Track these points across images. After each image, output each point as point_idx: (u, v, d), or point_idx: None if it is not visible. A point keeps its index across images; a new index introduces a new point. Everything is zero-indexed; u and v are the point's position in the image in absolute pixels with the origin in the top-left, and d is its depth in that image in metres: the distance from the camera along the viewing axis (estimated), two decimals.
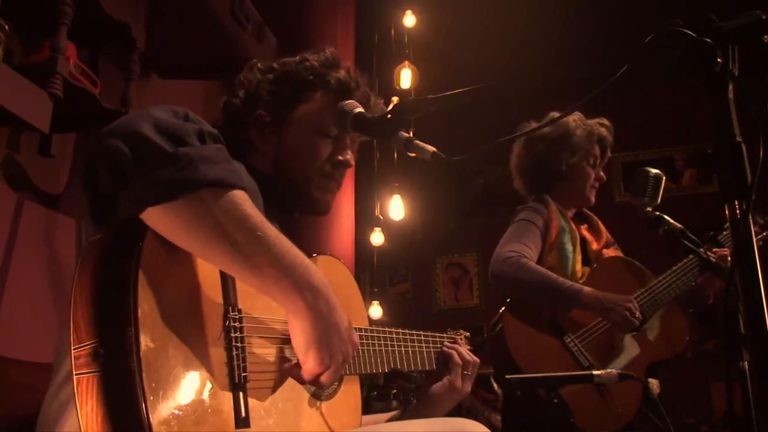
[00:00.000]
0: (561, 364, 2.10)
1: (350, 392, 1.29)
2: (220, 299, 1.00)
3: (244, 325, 1.02)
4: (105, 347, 0.85)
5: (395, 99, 4.14)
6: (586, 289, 2.12)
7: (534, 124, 2.42)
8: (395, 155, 4.74)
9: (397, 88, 4.58)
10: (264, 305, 1.06)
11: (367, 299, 5.32)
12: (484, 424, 1.26)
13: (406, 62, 4.64)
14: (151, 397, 0.83)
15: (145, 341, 0.85)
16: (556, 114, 2.41)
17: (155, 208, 0.89)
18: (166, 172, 0.89)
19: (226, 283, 1.01)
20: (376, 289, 5.10)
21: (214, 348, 0.96)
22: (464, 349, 1.54)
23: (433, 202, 5.98)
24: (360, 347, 1.24)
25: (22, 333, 2.02)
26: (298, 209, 1.44)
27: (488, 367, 2.04)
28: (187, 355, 0.91)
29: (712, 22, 0.90)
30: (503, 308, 2.21)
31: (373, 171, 4.80)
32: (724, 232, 2.27)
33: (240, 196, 0.95)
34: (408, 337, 1.46)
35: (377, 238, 4.81)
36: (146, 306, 0.87)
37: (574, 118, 2.39)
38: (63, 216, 2.26)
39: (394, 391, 3.81)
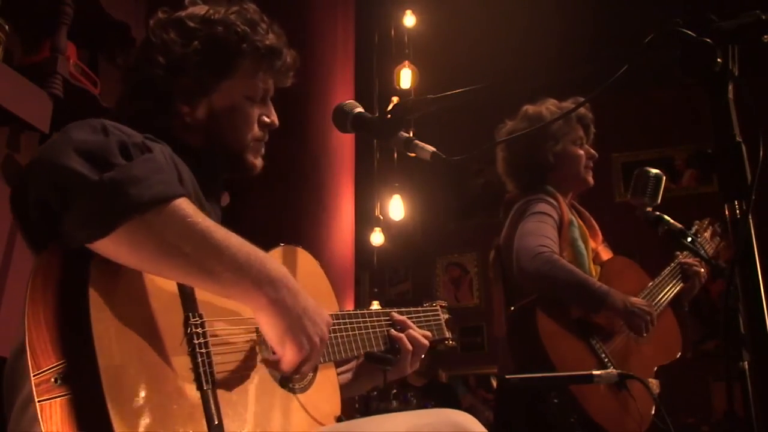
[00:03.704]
0: (590, 367, 2.00)
1: (326, 379, 1.26)
2: (179, 307, 0.98)
3: (206, 329, 0.99)
4: (64, 372, 0.82)
5: (395, 99, 4.15)
6: (612, 291, 2.06)
7: (509, 124, 2.40)
8: (395, 155, 4.74)
9: (397, 88, 4.58)
10: (227, 306, 1.05)
11: (367, 299, 5.32)
12: (484, 424, 1.26)
13: (406, 62, 4.65)
14: (118, 417, 0.82)
15: (104, 361, 0.83)
16: (529, 108, 2.38)
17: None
18: (95, 204, 0.85)
19: (184, 289, 0.99)
20: (376, 289, 5.10)
21: (178, 357, 0.94)
22: (416, 333, 1.45)
23: (433, 202, 5.98)
24: (333, 333, 1.23)
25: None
26: (229, 174, 1.38)
27: (489, 366, 2.02)
28: (150, 368, 0.89)
29: (712, 22, 0.90)
30: (534, 304, 2.10)
31: (373, 171, 4.81)
32: (693, 228, 2.31)
33: (180, 206, 0.92)
34: (383, 317, 1.41)
35: (377, 238, 4.81)
36: (101, 325, 0.85)
37: (547, 106, 2.33)
38: None
39: (395, 391, 3.82)
